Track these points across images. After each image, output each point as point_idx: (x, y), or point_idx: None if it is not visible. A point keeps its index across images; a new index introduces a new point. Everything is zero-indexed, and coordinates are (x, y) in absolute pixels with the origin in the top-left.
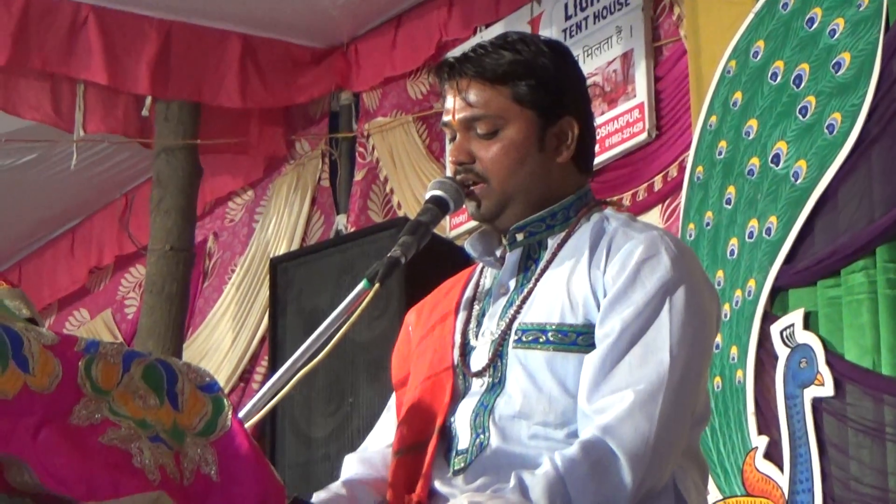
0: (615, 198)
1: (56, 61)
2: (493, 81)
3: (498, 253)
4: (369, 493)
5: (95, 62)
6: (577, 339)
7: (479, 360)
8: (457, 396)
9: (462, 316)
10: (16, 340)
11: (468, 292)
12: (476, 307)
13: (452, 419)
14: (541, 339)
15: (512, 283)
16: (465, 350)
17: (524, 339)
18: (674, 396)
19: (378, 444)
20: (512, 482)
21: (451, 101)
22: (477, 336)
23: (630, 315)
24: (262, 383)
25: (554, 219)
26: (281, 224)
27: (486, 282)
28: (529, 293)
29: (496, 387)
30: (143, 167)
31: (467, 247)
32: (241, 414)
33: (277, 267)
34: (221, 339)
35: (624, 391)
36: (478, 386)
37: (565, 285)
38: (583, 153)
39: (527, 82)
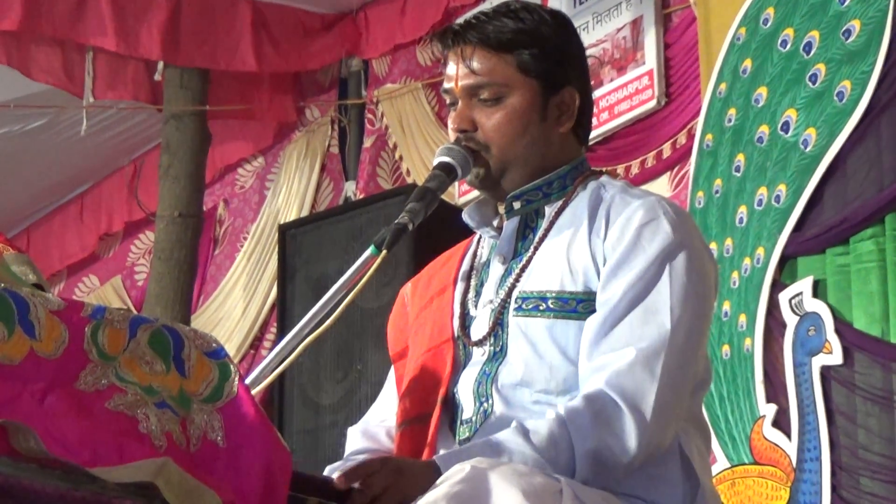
0: (618, 167)
1: (66, 27)
2: (497, 49)
3: (495, 223)
4: None
5: (105, 29)
6: (578, 306)
7: (479, 329)
8: (458, 367)
9: (461, 287)
10: (22, 306)
11: (465, 264)
12: (474, 278)
13: (455, 389)
14: (541, 307)
15: (510, 252)
16: (465, 320)
17: (524, 306)
18: (676, 358)
19: (379, 417)
20: (512, 425)
21: (453, 68)
22: (476, 305)
23: (631, 279)
24: (272, 350)
25: (550, 187)
26: (291, 191)
27: (484, 253)
28: (528, 261)
29: (497, 355)
30: (152, 133)
31: (465, 217)
32: (248, 380)
33: (286, 233)
34: (233, 307)
35: (625, 349)
36: (479, 355)
37: (565, 253)
38: (582, 124)
39: (530, 51)
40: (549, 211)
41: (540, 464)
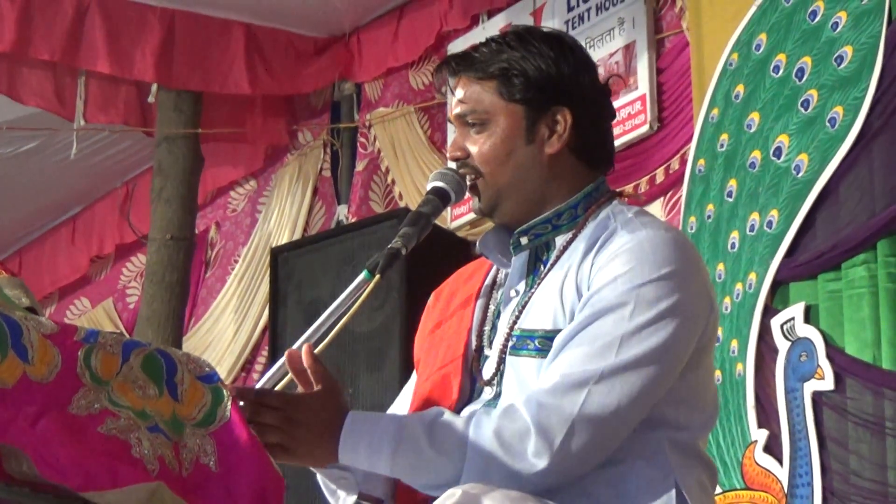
0: (629, 186)
1: (60, 50)
2: (480, 78)
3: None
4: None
5: (99, 51)
6: None
7: (489, 368)
8: (464, 397)
9: (478, 314)
10: (15, 329)
11: (486, 284)
12: (492, 306)
13: None
14: (529, 346)
15: (521, 287)
16: (480, 356)
17: (517, 345)
18: (608, 389)
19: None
20: (430, 412)
21: (450, 98)
22: (491, 343)
23: (595, 307)
24: (263, 373)
25: (560, 219)
26: (283, 214)
27: (503, 275)
28: (530, 298)
29: (499, 395)
30: (145, 156)
31: (479, 245)
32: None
33: (278, 257)
34: (224, 330)
35: (555, 371)
36: (487, 394)
37: (559, 289)
38: (585, 145)
39: (515, 77)
40: (559, 242)
41: (426, 459)
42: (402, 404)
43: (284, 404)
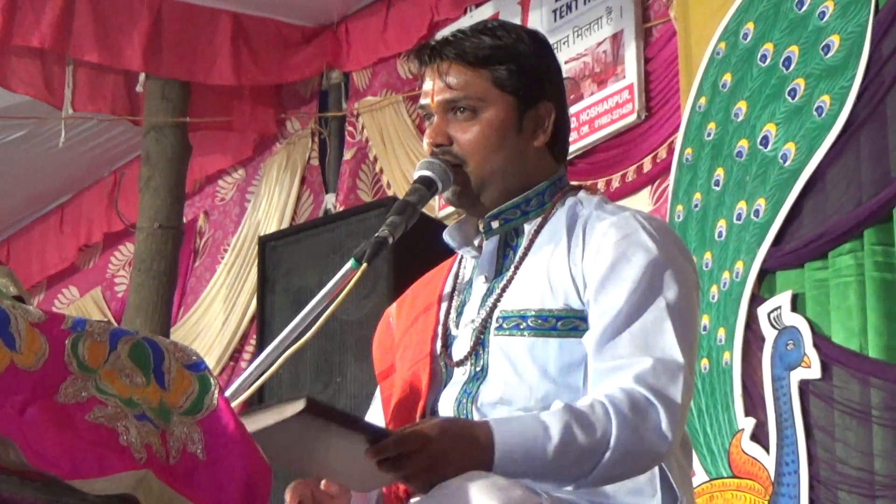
0: (598, 181)
1: (48, 39)
2: (473, 65)
3: (476, 241)
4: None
5: (88, 40)
6: (557, 324)
7: (460, 349)
8: (436, 384)
9: (444, 307)
10: (2, 318)
11: (448, 284)
12: (456, 298)
13: (436, 408)
14: (521, 326)
15: (491, 272)
16: (447, 340)
17: (505, 325)
18: (688, 373)
19: None
20: (562, 406)
21: (429, 84)
22: (458, 325)
23: (626, 290)
24: (251, 362)
25: (528, 205)
26: (271, 203)
27: (466, 272)
28: (510, 281)
29: (478, 375)
30: (133, 145)
31: (446, 237)
32: (228, 393)
33: (266, 245)
34: (213, 319)
35: (642, 356)
36: (460, 374)
37: (545, 271)
38: (558, 141)
39: (507, 67)
40: (528, 229)
41: (577, 449)
42: (374, 415)
43: (426, 443)
